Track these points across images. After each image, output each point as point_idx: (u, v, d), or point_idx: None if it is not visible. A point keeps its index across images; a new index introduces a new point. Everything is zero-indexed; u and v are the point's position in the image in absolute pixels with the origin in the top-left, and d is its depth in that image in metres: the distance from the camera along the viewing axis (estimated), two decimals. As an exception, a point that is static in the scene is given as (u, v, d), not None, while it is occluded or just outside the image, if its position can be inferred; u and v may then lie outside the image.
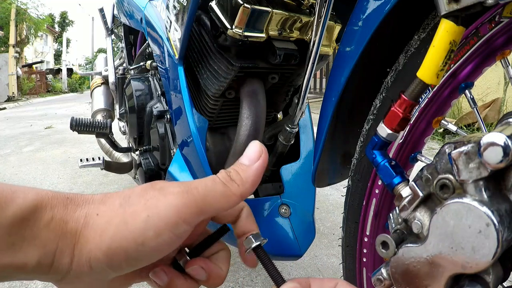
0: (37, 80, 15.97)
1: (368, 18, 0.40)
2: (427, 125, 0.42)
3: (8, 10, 13.16)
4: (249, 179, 0.31)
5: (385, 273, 0.34)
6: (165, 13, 0.77)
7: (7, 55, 12.56)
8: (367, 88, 0.48)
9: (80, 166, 1.23)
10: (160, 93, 0.96)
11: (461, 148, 0.27)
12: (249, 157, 0.32)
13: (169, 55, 0.75)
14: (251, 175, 0.31)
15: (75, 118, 1.08)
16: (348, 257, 0.53)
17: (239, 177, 0.31)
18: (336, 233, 1.43)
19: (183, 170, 0.74)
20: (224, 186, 0.30)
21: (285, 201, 0.71)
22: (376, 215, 0.47)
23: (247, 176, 0.31)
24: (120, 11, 1.41)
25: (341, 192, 1.83)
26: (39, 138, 3.83)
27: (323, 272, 1.16)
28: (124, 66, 1.49)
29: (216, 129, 0.76)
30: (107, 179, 2.18)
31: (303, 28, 0.62)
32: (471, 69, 0.38)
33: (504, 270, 0.29)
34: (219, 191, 0.29)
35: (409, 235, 0.33)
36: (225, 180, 0.30)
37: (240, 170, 0.31)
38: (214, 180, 0.30)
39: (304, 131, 0.77)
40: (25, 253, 0.25)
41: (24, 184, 2.18)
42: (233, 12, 0.56)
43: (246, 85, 0.65)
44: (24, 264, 0.25)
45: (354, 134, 0.50)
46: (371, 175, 0.47)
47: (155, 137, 0.90)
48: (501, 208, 0.26)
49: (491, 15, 0.34)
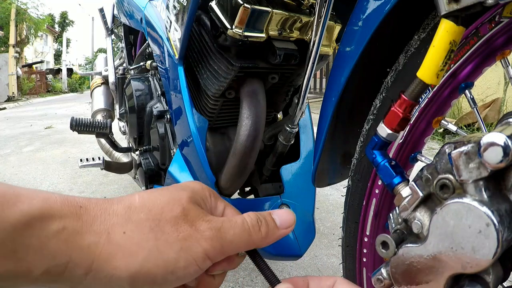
0: (37, 80, 15.97)
1: (368, 18, 0.40)
2: (427, 125, 0.42)
3: (8, 10, 13.15)
4: (272, 238, 0.33)
5: (385, 273, 0.34)
6: (165, 13, 0.77)
7: (7, 55, 12.56)
8: (367, 88, 0.48)
9: (80, 166, 1.23)
10: (160, 93, 0.96)
11: (461, 148, 0.27)
12: (282, 222, 0.34)
13: (169, 55, 0.75)
14: (275, 237, 0.33)
15: (75, 118, 1.08)
16: (348, 257, 0.53)
17: (266, 231, 0.32)
18: (336, 233, 1.43)
19: (183, 170, 0.74)
20: (249, 235, 0.31)
21: (285, 201, 0.71)
22: (376, 215, 0.47)
23: (273, 235, 0.33)
24: (120, 11, 1.41)
25: (341, 192, 1.83)
26: (39, 138, 3.83)
27: (323, 272, 1.16)
28: (124, 66, 1.49)
29: (216, 129, 0.76)
30: (107, 179, 2.18)
31: (303, 28, 0.62)
32: (471, 69, 0.38)
33: (504, 270, 0.29)
34: (245, 239, 0.31)
35: (409, 235, 0.33)
36: (253, 229, 0.31)
37: (270, 227, 0.33)
38: (243, 225, 0.31)
39: (304, 131, 0.77)
40: (30, 262, 0.24)
41: (24, 184, 2.18)
42: (233, 12, 0.56)
43: (246, 85, 0.65)
44: (29, 272, 0.24)
45: (354, 134, 0.50)
46: (371, 175, 0.47)
47: (155, 137, 0.90)
48: (501, 208, 0.26)
49: (491, 15, 0.34)
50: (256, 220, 0.32)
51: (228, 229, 0.30)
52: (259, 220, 0.32)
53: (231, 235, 0.30)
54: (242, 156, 0.64)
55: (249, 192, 0.87)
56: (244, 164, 0.65)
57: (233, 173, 0.66)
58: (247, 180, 0.76)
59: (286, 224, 0.34)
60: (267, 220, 0.33)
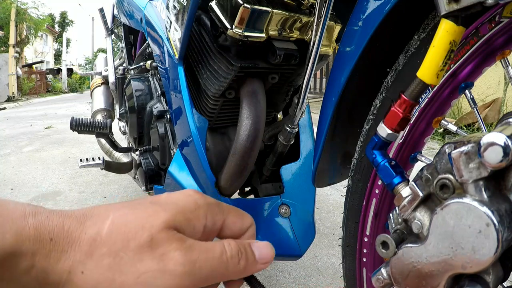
0: (37, 80, 15.97)
1: (368, 18, 0.40)
2: (427, 125, 0.42)
3: (8, 10, 13.16)
4: (249, 272, 0.31)
5: (385, 273, 0.34)
6: (165, 13, 0.77)
7: (7, 55, 12.57)
8: (367, 88, 0.48)
9: (80, 166, 1.23)
10: (160, 93, 0.96)
11: (461, 148, 0.27)
12: (262, 256, 0.31)
13: (169, 55, 0.75)
14: (252, 271, 0.31)
15: (75, 118, 1.08)
16: (348, 257, 0.53)
17: (245, 265, 0.30)
18: (336, 233, 1.43)
19: (183, 170, 0.74)
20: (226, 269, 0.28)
21: (285, 201, 0.71)
22: (376, 215, 0.47)
23: (250, 269, 0.30)
24: (120, 11, 1.41)
25: (341, 192, 1.83)
26: (39, 138, 3.83)
27: (323, 272, 1.16)
28: (124, 66, 1.49)
29: (216, 129, 0.76)
30: (107, 179, 2.18)
31: (303, 28, 0.62)
32: (471, 69, 0.38)
33: (504, 270, 0.29)
34: (220, 273, 0.28)
35: (409, 235, 0.33)
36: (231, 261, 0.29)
37: (250, 261, 0.30)
38: (221, 257, 0.28)
39: (304, 131, 0.77)
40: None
41: (24, 184, 2.18)
42: (233, 12, 0.56)
43: (246, 85, 0.65)
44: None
45: (354, 134, 0.50)
46: (371, 175, 0.47)
47: (155, 137, 0.90)
48: (501, 208, 0.26)
49: (491, 15, 0.34)
50: (236, 252, 0.29)
51: (204, 262, 0.27)
52: (240, 252, 0.30)
53: (207, 270, 0.27)
54: (242, 156, 0.64)
55: (249, 192, 0.87)
56: (244, 164, 0.65)
57: (233, 173, 0.66)
58: (247, 180, 0.76)
59: (265, 260, 0.31)
60: (247, 253, 0.30)
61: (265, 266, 0.32)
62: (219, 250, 0.28)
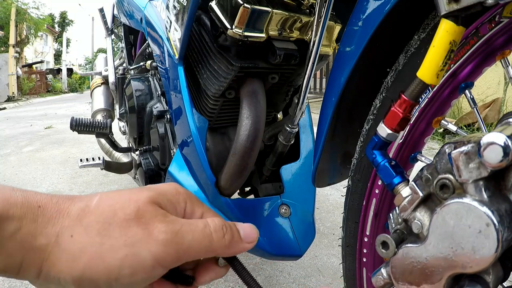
0: (37, 80, 15.97)
1: (368, 18, 0.40)
2: (427, 125, 0.42)
3: (8, 10, 13.16)
4: (234, 249, 0.31)
5: (385, 273, 0.34)
6: (165, 13, 0.77)
7: (7, 55, 12.57)
8: (367, 88, 0.48)
9: (80, 166, 1.23)
10: (160, 93, 0.96)
11: (461, 148, 0.27)
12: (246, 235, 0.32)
13: (169, 55, 0.75)
14: (238, 249, 0.31)
15: (75, 118, 1.08)
16: (348, 257, 0.53)
17: (230, 240, 0.30)
18: (336, 233, 1.43)
19: (183, 170, 0.74)
20: (211, 242, 0.29)
21: (285, 201, 0.71)
22: (376, 215, 0.47)
23: (236, 246, 0.31)
24: (120, 11, 1.41)
25: (341, 192, 1.83)
26: (39, 138, 3.83)
27: (323, 272, 1.16)
28: (124, 66, 1.49)
29: (216, 129, 0.76)
30: (107, 179, 2.18)
31: (303, 28, 0.62)
32: (471, 69, 0.38)
33: (504, 270, 0.29)
34: (204, 246, 0.29)
35: (409, 235, 0.33)
36: (215, 235, 0.30)
37: (235, 237, 0.31)
38: (204, 230, 0.29)
39: (304, 131, 0.77)
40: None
41: (24, 184, 2.18)
42: (233, 12, 0.56)
43: (246, 85, 0.65)
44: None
45: (354, 134, 0.50)
46: (371, 175, 0.47)
47: (155, 137, 0.90)
48: (501, 208, 0.26)
49: (491, 15, 0.34)
50: (220, 226, 0.30)
51: (187, 233, 0.28)
52: (225, 226, 0.31)
53: (189, 240, 0.28)
54: (242, 156, 0.64)
55: (249, 192, 0.87)
56: (244, 164, 0.65)
57: (233, 173, 0.66)
58: (247, 180, 0.76)
59: (250, 239, 0.32)
60: (232, 229, 0.31)
61: (250, 246, 0.32)
62: (202, 224, 0.30)
